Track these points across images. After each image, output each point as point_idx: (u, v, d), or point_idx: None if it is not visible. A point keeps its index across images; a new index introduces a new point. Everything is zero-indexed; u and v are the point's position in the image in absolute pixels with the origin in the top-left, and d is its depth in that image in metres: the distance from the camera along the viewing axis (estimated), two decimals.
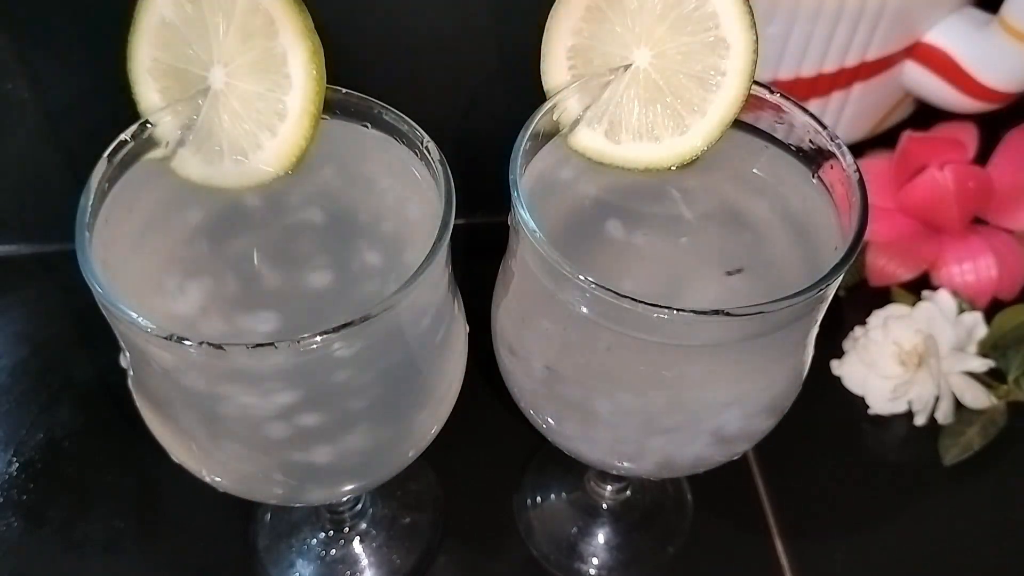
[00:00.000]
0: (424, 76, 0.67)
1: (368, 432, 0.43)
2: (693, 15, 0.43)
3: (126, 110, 0.43)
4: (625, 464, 0.47)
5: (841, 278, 0.39)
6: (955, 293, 0.69)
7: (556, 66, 0.45)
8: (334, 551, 0.62)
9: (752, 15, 0.42)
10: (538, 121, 0.43)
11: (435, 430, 0.47)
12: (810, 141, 0.44)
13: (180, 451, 0.44)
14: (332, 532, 0.62)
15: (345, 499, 0.60)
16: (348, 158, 0.45)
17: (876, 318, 0.68)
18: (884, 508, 0.63)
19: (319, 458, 0.43)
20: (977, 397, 0.65)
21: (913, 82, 0.75)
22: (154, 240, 0.42)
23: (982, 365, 0.66)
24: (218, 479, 0.44)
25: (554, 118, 0.45)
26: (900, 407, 0.66)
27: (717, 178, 0.46)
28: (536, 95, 0.45)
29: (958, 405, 0.65)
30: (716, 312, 0.36)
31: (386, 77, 0.63)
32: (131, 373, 0.43)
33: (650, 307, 0.36)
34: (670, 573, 0.61)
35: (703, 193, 0.46)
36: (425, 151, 0.43)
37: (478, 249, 0.53)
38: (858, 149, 0.77)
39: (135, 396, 0.44)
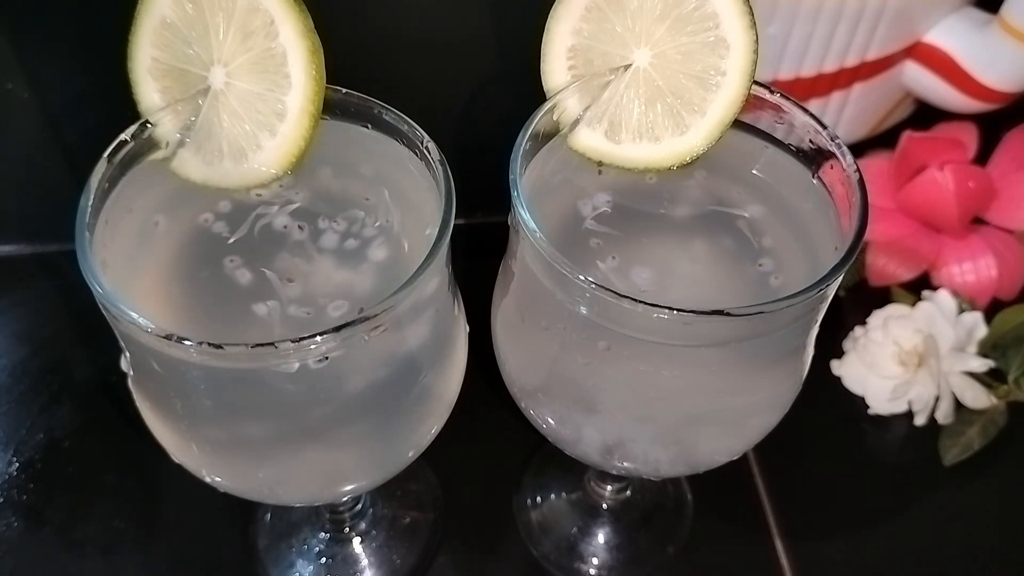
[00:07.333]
0: (424, 76, 0.67)
1: (368, 432, 0.43)
2: (693, 15, 0.43)
3: (126, 110, 0.43)
4: (625, 464, 0.47)
5: (841, 278, 0.39)
6: (955, 293, 0.69)
7: (556, 66, 0.45)
8: (334, 551, 0.62)
9: (752, 15, 0.42)
10: (538, 121, 0.43)
11: (435, 430, 0.47)
12: (810, 141, 0.44)
13: (180, 451, 0.44)
14: (332, 532, 0.62)
15: (345, 499, 0.60)
16: (348, 158, 0.45)
17: (876, 318, 0.68)
18: (884, 508, 0.63)
19: (319, 458, 0.43)
20: (977, 397, 0.65)
21: (913, 82, 0.75)
22: (154, 240, 0.42)
23: (982, 365, 0.66)
24: (218, 479, 0.44)
25: (554, 118, 0.45)
26: (900, 407, 0.66)
27: (717, 178, 0.46)
28: (536, 95, 0.45)
29: (958, 405, 0.65)
30: (716, 312, 0.36)
31: (386, 77, 0.63)
32: (131, 374, 0.43)
33: (649, 307, 0.36)
34: (670, 573, 0.61)
35: (703, 193, 0.46)
36: (425, 151, 0.43)
37: (478, 249, 0.53)
38: (858, 149, 0.77)
39: (135, 396, 0.44)
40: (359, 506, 0.62)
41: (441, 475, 0.64)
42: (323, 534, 0.62)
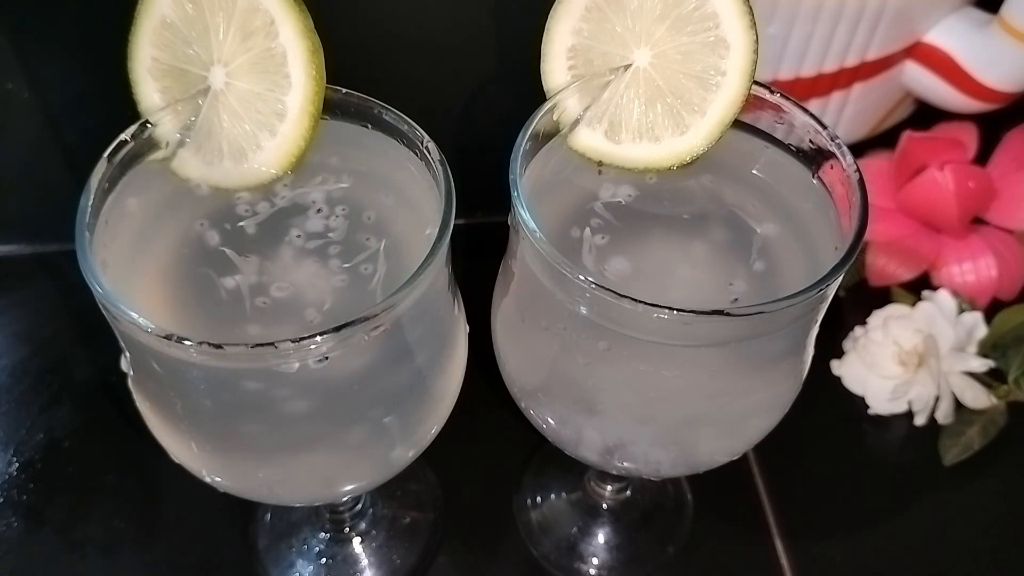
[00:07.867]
0: (424, 76, 0.67)
1: (368, 432, 0.43)
2: (693, 15, 0.43)
3: (126, 110, 0.43)
4: (625, 464, 0.47)
5: (841, 278, 0.39)
6: (955, 293, 0.69)
7: (556, 66, 0.45)
8: (334, 551, 0.62)
9: (752, 15, 0.42)
10: (538, 121, 0.43)
11: (435, 430, 0.47)
12: (810, 141, 0.44)
13: (180, 451, 0.44)
14: (332, 532, 0.62)
15: (345, 499, 0.60)
16: (348, 158, 0.45)
17: (876, 318, 0.68)
18: (884, 508, 0.63)
19: (319, 458, 0.43)
20: (977, 397, 0.65)
21: (913, 82, 0.75)
22: (154, 240, 0.42)
23: (982, 365, 0.66)
24: (218, 479, 0.44)
25: (554, 118, 0.45)
26: (900, 407, 0.66)
27: (717, 178, 0.46)
28: (536, 95, 0.45)
29: (958, 405, 0.65)
30: (716, 312, 0.36)
31: (386, 77, 0.63)
32: (131, 374, 0.43)
33: (650, 307, 0.36)
34: (670, 573, 0.61)
35: (703, 193, 0.46)
36: (425, 151, 0.43)
37: (478, 249, 0.53)
38: (858, 149, 0.77)
39: (135, 396, 0.44)
40: (359, 506, 0.62)
41: (441, 475, 0.64)
42: (323, 534, 0.62)
